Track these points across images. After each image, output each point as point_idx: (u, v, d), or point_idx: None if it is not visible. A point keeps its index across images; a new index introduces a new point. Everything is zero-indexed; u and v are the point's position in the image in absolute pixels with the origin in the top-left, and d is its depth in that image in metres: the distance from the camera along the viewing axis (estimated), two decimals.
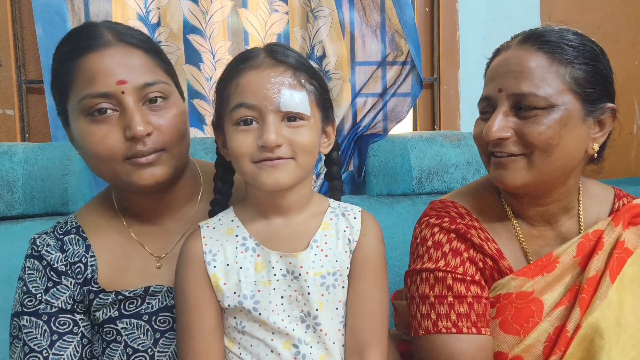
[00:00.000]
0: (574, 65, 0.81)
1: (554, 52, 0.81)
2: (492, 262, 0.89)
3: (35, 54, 1.62)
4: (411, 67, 1.69)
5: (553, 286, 0.86)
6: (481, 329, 0.84)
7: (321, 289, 0.80)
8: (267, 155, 0.76)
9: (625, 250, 0.84)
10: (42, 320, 0.87)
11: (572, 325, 0.81)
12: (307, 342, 0.80)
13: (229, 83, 0.80)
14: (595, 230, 0.88)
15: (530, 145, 0.81)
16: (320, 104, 0.82)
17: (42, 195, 1.34)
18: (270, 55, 0.81)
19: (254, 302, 0.79)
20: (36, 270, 0.89)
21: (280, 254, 0.81)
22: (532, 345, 0.83)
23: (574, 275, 0.86)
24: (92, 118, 0.82)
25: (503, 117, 0.81)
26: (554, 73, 0.80)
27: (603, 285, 0.82)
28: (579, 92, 0.81)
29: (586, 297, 0.82)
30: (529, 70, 0.80)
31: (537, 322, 0.84)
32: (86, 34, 0.84)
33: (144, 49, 0.86)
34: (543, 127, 0.80)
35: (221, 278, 0.80)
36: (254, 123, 0.78)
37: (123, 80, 0.81)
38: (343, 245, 0.83)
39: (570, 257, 0.87)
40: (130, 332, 0.89)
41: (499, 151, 0.83)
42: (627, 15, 1.88)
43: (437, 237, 0.91)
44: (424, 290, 0.88)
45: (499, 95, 0.82)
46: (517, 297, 0.86)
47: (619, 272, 0.83)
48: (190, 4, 1.64)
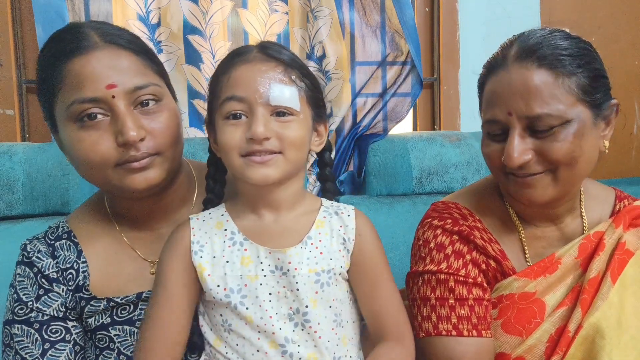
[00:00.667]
0: (577, 75, 0.80)
1: (555, 66, 0.79)
2: (495, 264, 0.89)
3: (35, 54, 1.62)
4: (411, 67, 1.69)
5: (555, 287, 0.86)
6: (482, 331, 0.84)
7: (315, 286, 0.80)
8: (256, 148, 0.76)
9: (627, 252, 0.85)
10: (34, 328, 0.85)
11: (574, 325, 0.81)
12: (295, 340, 0.79)
13: (222, 75, 0.81)
14: (597, 231, 0.88)
15: (554, 162, 0.80)
16: (311, 101, 0.83)
17: (42, 195, 1.34)
18: (263, 50, 0.81)
19: (241, 296, 0.79)
20: (27, 278, 0.87)
21: (269, 250, 0.80)
22: (534, 345, 0.83)
23: (575, 276, 0.86)
24: (81, 124, 0.79)
25: (520, 140, 0.79)
26: (561, 88, 0.79)
27: (604, 286, 0.82)
28: (588, 100, 0.80)
29: (587, 297, 0.82)
30: (536, 90, 0.78)
31: (539, 322, 0.84)
32: (71, 36, 0.81)
33: (133, 50, 0.83)
34: (563, 143, 0.79)
35: (207, 269, 0.80)
36: (243, 117, 0.78)
37: (113, 84, 0.78)
38: (337, 244, 0.83)
39: (571, 258, 0.87)
40: (123, 339, 0.87)
41: (522, 172, 0.81)
42: (627, 15, 1.88)
43: (439, 239, 0.90)
44: (425, 292, 0.88)
45: (510, 119, 0.80)
46: (520, 297, 0.86)
47: (620, 273, 0.83)
48: (190, 4, 1.64)
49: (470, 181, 1.51)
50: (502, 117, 0.81)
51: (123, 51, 0.82)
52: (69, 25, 0.85)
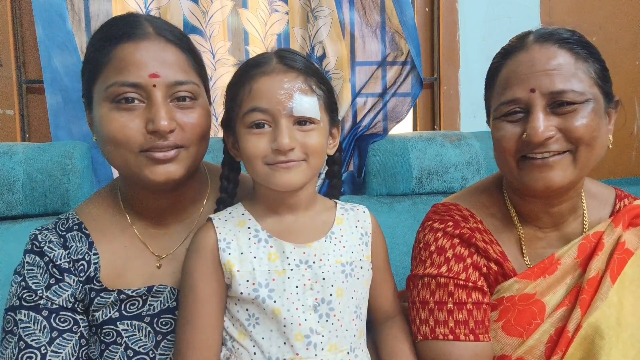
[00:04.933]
0: (592, 61, 0.83)
1: (574, 49, 0.82)
2: (496, 267, 0.89)
3: (35, 54, 1.62)
4: (411, 67, 1.69)
5: (554, 288, 0.86)
6: (479, 335, 0.85)
7: (341, 276, 0.84)
8: (281, 159, 0.80)
9: (626, 252, 0.85)
10: (42, 315, 0.84)
11: (573, 325, 0.82)
12: (319, 331, 0.81)
13: (242, 88, 0.83)
14: (596, 231, 0.88)
15: (576, 140, 0.80)
16: (328, 107, 0.86)
17: (42, 195, 1.34)
18: (282, 61, 0.83)
19: (269, 290, 0.81)
20: (37, 266, 0.87)
21: (293, 245, 0.84)
22: (534, 346, 0.83)
23: (575, 276, 0.86)
24: (117, 105, 0.82)
25: (544, 116, 0.80)
26: (580, 69, 0.81)
27: (604, 285, 0.82)
28: (602, 85, 0.83)
29: (586, 297, 0.82)
30: (560, 67, 0.80)
31: (539, 323, 0.84)
32: (126, 22, 0.84)
33: (181, 47, 0.86)
34: (586, 120, 0.80)
35: (235, 265, 0.82)
36: (266, 126, 0.81)
37: (156, 74, 0.81)
38: (357, 238, 0.89)
39: (571, 259, 0.87)
40: (131, 333, 0.87)
41: (541, 152, 0.81)
42: (627, 15, 1.88)
43: (440, 242, 0.90)
44: (424, 295, 0.89)
45: (532, 96, 0.81)
46: (520, 299, 0.86)
47: (619, 273, 0.83)
48: (190, 3, 1.64)
49: (471, 181, 1.51)
50: (524, 95, 0.81)
51: (172, 46, 0.85)
52: (127, 13, 0.89)
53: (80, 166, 1.36)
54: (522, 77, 0.82)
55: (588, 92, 0.81)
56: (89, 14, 1.63)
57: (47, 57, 1.54)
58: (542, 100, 0.80)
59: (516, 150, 0.83)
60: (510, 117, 0.84)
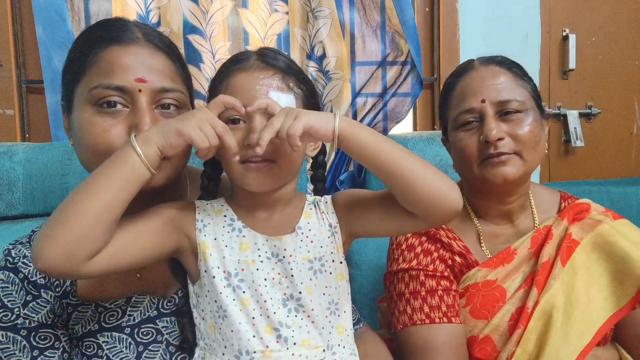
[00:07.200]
0: (527, 80, 1.02)
1: (512, 69, 1.01)
2: (460, 259, 1.01)
3: (35, 54, 1.62)
4: (411, 67, 1.70)
5: (513, 275, 0.99)
6: (451, 318, 0.96)
7: (309, 273, 0.83)
8: (251, 153, 0.77)
9: (573, 241, 0.99)
10: (21, 335, 0.82)
11: (531, 303, 0.93)
12: (289, 325, 0.80)
13: (220, 83, 0.82)
14: (545, 225, 1.03)
15: (522, 142, 0.96)
16: (307, 108, 0.84)
17: (42, 195, 1.34)
18: (261, 58, 0.82)
19: (238, 280, 0.80)
20: (12, 284, 0.84)
21: (266, 237, 0.83)
22: (498, 324, 0.95)
23: (529, 265, 0.99)
24: (99, 109, 0.79)
25: (495, 122, 0.96)
26: (519, 85, 0.99)
27: (555, 268, 0.96)
28: (536, 99, 1.01)
29: (541, 279, 0.95)
30: (503, 82, 0.99)
31: (502, 305, 0.96)
32: (115, 26, 0.83)
33: (170, 55, 0.84)
34: (529, 127, 0.97)
35: (209, 247, 0.82)
36: (241, 122, 0.79)
37: (143, 79, 0.79)
38: (325, 231, 0.86)
39: (526, 249, 1.00)
40: (112, 345, 0.85)
41: (497, 153, 0.96)
42: (627, 15, 1.88)
43: (410, 241, 1.03)
44: (400, 288, 1.00)
45: (483, 106, 0.97)
46: (483, 285, 0.98)
47: (568, 258, 0.97)
48: (190, 3, 1.65)
49: None
50: (477, 105, 0.98)
51: (161, 53, 0.83)
52: (115, 17, 0.86)
53: (80, 166, 1.35)
54: (475, 90, 0.99)
55: (528, 104, 0.98)
56: (89, 14, 1.63)
57: (47, 57, 1.54)
58: (492, 109, 0.97)
59: (478, 155, 0.98)
60: (467, 126, 0.99)
